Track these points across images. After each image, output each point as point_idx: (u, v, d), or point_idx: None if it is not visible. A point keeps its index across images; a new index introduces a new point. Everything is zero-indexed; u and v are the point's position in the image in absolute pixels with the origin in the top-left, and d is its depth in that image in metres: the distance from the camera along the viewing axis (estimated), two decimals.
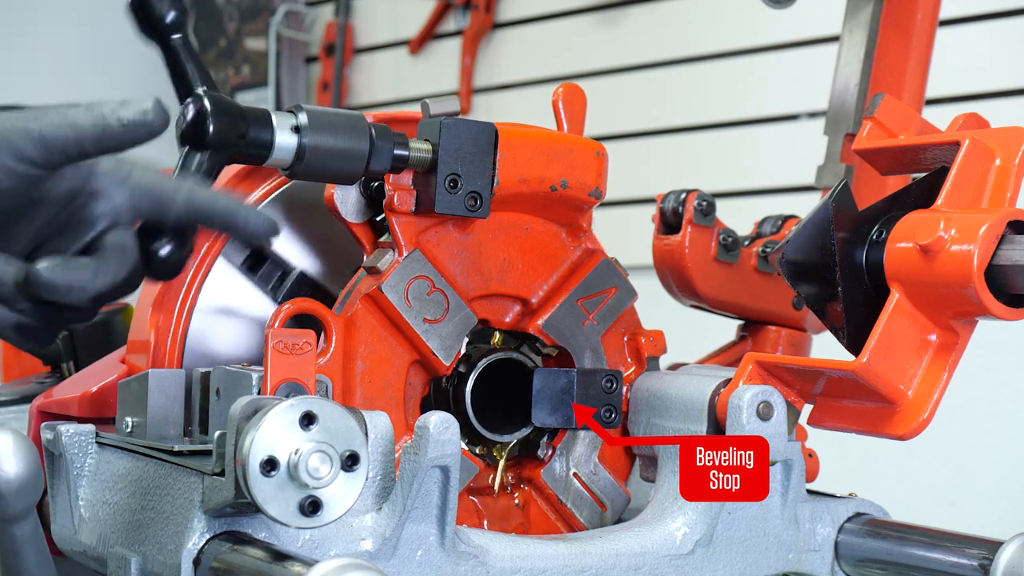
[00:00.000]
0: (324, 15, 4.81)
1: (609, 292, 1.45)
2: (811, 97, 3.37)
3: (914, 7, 1.73)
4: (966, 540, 1.33)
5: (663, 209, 1.64)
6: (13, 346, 1.21)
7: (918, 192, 1.33)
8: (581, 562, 1.30)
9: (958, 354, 1.29)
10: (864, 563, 1.39)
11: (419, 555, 1.23)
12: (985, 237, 1.23)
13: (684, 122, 3.76)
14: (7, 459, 1.22)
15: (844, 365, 1.29)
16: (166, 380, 1.38)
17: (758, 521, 1.37)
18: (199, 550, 1.17)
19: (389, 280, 1.35)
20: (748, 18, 3.56)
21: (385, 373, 1.35)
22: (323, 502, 1.09)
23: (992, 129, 1.34)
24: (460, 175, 1.34)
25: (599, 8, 3.96)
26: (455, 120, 1.35)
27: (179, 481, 1.23)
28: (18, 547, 1.25)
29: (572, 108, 1.45)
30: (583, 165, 1.41)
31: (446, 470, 1.21)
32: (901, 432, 1.29)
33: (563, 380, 1.41)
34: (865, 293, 1.32)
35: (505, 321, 1.43)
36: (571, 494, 1.45)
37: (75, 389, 1.48)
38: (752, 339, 1.71)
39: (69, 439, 1.38)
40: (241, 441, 1.08)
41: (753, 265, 1.66)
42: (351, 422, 1.10)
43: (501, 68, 4.25)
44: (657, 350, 1.48)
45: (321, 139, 1.28)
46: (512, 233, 1.42)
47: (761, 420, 1.34)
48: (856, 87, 1.71)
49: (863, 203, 1.34)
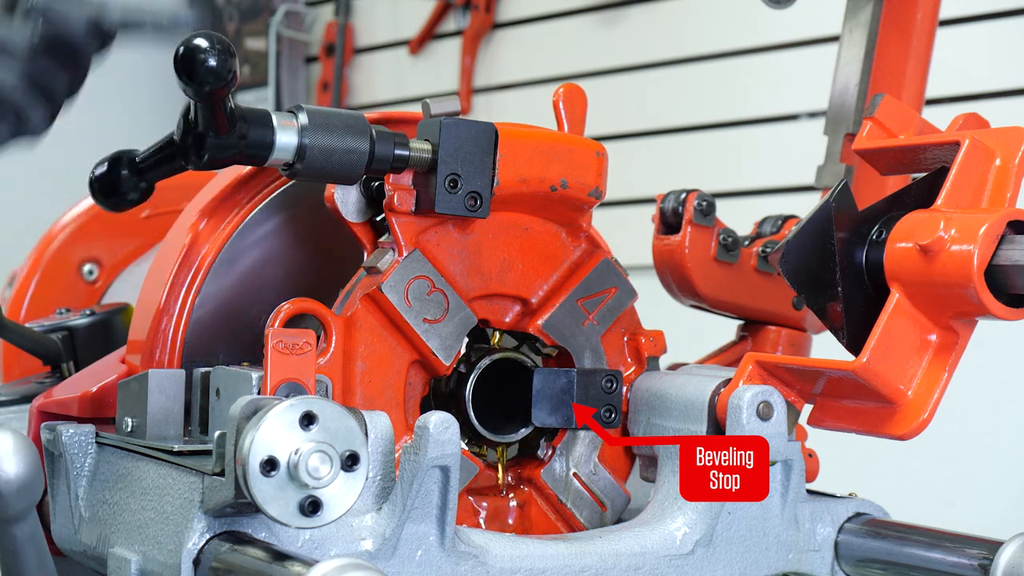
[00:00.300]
0: (324, 15, 4.81)
1: (609, 292, 1.45)
2: (811, 97, 3.37)
3: (914, 7, 1.73)
4: (966, 540, 1.33)
5: (663, 209, 1.64)
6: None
7: (918, 192, 1.33)
8: (581, 562, 1.30)
9: (958, 354, 1.29)
10: (864, 563, 1.39)
11: (419, 555, 1.23)
12: (985, 237, 1.23)
13: (684, 122, 3.76)
14: (7, 459, 1.22)
15: (844, 365, 1.29)
16: (166, 380, 1.38)
17: (758, 521, 1.37)
18: (199, 550, 1.17)
19: (389, 280, 1.35)
20: (748, 18, 3.56)
21: (385, 373, 1.35)
22: (323, 502, 1.09)
23: (992, 129, 1.34)
24: (460, 175, 1.34)
25: (599, 8, 3.96)
26: (455, 120, 1.35)
27: (179, 481, 1.23)
28: (18, 547, 1.25)
29: (573, 108, 1.45)
30: (583, 165, 1.41)
31: (446, 470, 1.21)
32: (901, 432, 1.29)
33: (563, 380, 1.41)
34: (865, 293, 1.32)
35: (505, 321, 1.43)
36: (571, 494, 1.45)
37: (75, 389, 1.48)
38: (752, 339, 1.71)
39: (69, 439, 1.38)
40: (241, 441, 1.08)
41: (753, 265, 1.66)
42: (351, 422, 1.10)
43: (501, 68, 4.25)
44: (657, 350, 1.48)
45: (322, 139, 1.28)
46: (512, 233, 1.42)
47: (761, 420, 1.34)
48: (856, 87, 1.72)
49: (863, 203, 1.34)
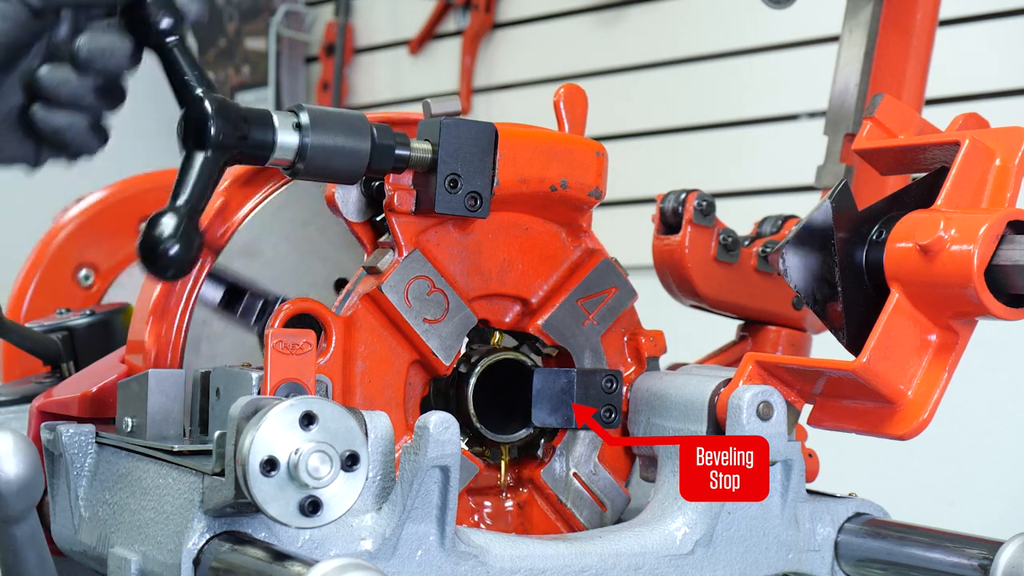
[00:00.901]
0: (324, 15, 4.81)
1: (609, 292, 1.45)
2: (811, 97, 3.37)
3: (914, 7, 1.73)
4: (966, 540, 1.33)
5: (663, 209, 1.64)
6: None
7: (918, 192, 1.33)
8: (581, 562, 1.30)
9: (958, 354, 1.29)
10: (864, 563, 1.39)
11: (419, 555, 1.23)
12: (985, 237, 1.23)
13: (684, 122, 3.76)
14: (7, 459, 1.22)
15: (844, 365, 1.29)
16: (166, 380, 1.38)
17: (758, 521, 1.37)
18: (199, 550, 1.17)
19: (389, 280, 1.35)
20: (748, 18, 3.56)
21: (385, 373, 1.35)
22: (323, 502, 1.09)
23: (992, 129, 1.34)
24: (460, 175, 1.34)
25: (599, 8, 3.96)
26: (455, 120, 1.35)
27: (179, 481, 1.23)
28: (18, 547, 1.25)
29: (573, 109, 1.45)
30: (583, 165, 1.41)
31: (446, 470, 1.21)
32: (901, 432, 1.29)
33: (563, 380, 1.41)
34: (865, 293, 1.32)
35: (505, 321, 1.43)
36: (571, 494, 1.45)
37: (75, 389, 1.48)
38: (752, 339, 1.71)
39: (69, 439, 1.38)
40: (241, 441, 1.08)
41: (753, 265, 1.66)
42: (351, 422, 1.10)
43: (501, 68, 4.25)
44: (657, 350, 1.48)
45: (323, 138, 1.28)
46: (512, 233, 1.42)
47: (761, 420, 1.34)
48: (856, 87, 1.72)
49: (863, 203, 1.34)
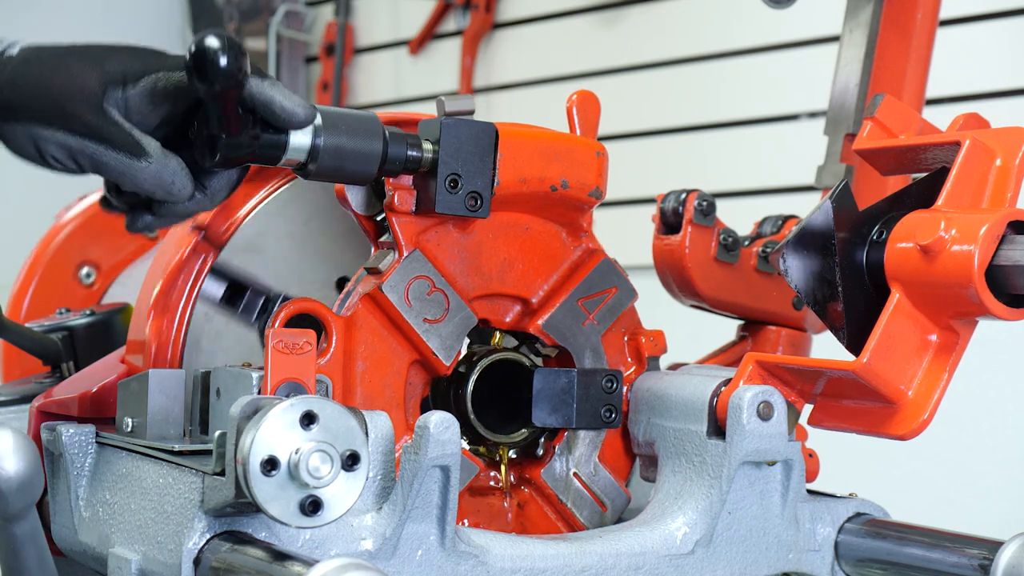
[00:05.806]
0: (324, 15, 4.81)
1: (609, 292, 1.45)
2: (811, 97, 3.37)
3: (914, 7, 1.73)
4: (966, 540, 1.33)
5: (663, 209, 1.64)
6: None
7: (918, 192, 1.33)
8: (581, 562, 1.30)
9: (958, 354, 1.29)
10: (864, 563, 1.39)
11: (419, 555, 1.23)
12: (985, 237, 1.23)
13: (684, 122, 3.76)
14: (7, 458, 1.22)
15: (844, 365, 1.29)
16: (166, 380, 1.38)
17: (758, 521, 1.37)
18: (199, 550, 1.17)
19: (389, 280, 1.35)
20: (748, 18, 3.56)
21: (385, 373, 1.35)
22: (323, 502, 1.09)
23: (992, 129, 1.34)
24: (460, 175, 1.34)
25: (599, 8, 3.96)
26: (455, 120, 1.34)
27: (179, 481, 1.23)
28: (18, 546, 1.25)
29: (587, 115, 1.45)
30: (583, 165, 1.41)
31: (446, 470, 1.21)
32: (901, 432, 1.29)
33: (563, 380, 1.41)
34: (865, 293, 1.32)
35: (505, 321, 1.43)
36: (571, 494, 1.45)
37: (75, 389, 1.48)
38: (752, 339, 1.71)
39: (69, 439, 1.38)
40: (241, 441, 1.08)
41: (753, 265, 1.66)
42: (351, 422, 1.10)
43: (501, 68, 4.24)
44: (657, 350, 1.48)
45: (335, 140, 1.28)
46: (512, 233, 1.42)
47: (761, 420, 1.34)
48: (856, 87, 1.72)
49: (863, 203, 1.34)
